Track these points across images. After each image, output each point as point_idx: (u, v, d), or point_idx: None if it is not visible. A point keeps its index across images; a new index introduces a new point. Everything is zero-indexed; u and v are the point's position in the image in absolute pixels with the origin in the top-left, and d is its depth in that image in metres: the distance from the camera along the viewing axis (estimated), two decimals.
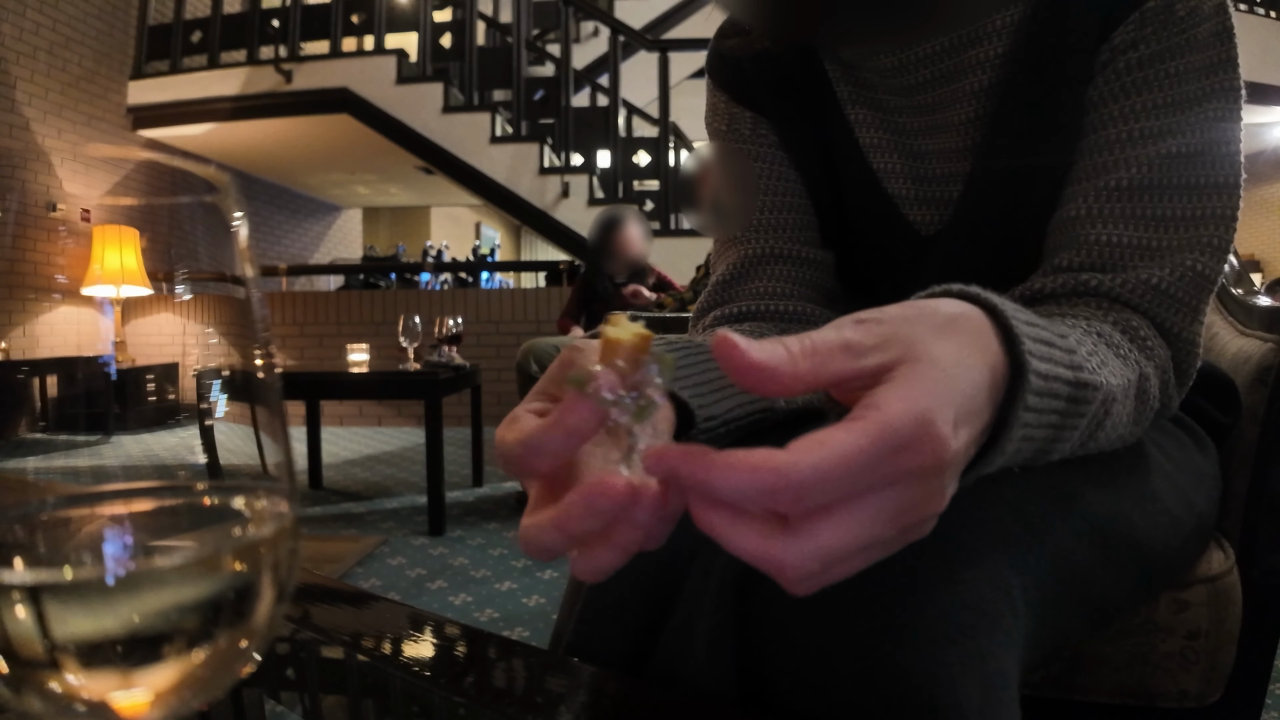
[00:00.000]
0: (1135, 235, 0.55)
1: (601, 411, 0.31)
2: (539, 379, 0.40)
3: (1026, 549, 0.46)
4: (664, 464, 0.29)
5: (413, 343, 2.92)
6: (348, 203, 8.91)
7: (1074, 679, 0.68)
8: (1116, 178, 0.56)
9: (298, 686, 0.48)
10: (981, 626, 0.41)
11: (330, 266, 7.50)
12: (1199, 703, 0.69)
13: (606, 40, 5.53)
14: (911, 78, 0.65)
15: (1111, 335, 0.50)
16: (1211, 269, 0.55)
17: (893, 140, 0.69)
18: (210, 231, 0.25)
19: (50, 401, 0.27)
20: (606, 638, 0.51)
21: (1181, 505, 0.60)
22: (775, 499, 0.28)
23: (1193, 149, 0.55)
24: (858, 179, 0.72)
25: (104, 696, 0.21)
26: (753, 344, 0.30)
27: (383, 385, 2.92)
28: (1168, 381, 0.56)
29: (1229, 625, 0.69)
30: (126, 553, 0.24)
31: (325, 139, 5.92)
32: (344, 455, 4.14)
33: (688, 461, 0.29)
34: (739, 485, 0.28)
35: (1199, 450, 0.67)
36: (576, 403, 0.31)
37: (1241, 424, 0.75)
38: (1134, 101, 0.56)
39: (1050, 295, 0.57)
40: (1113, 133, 0.57)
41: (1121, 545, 0.53)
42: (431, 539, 2.53)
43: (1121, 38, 0.57)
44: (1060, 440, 0.43)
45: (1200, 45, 0.55)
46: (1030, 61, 0.60)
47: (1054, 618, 0.48)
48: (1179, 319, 0.56)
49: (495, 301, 5.27)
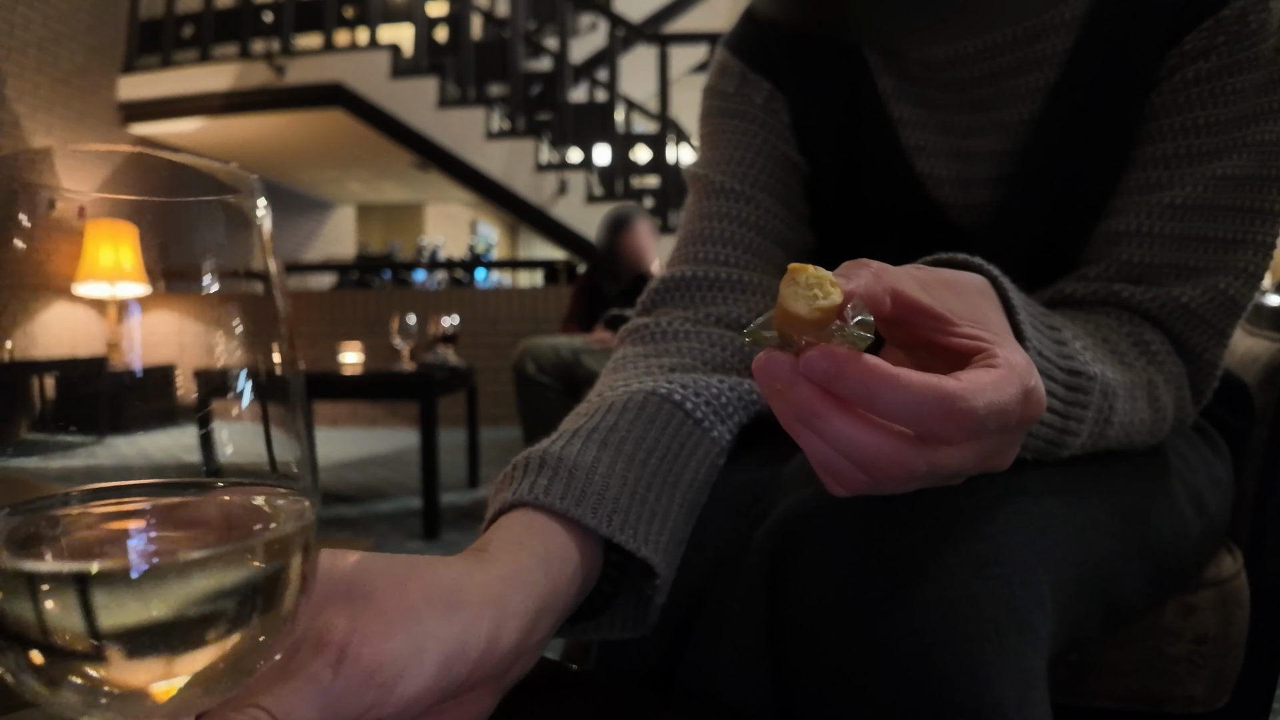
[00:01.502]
0: (1176, 256, 0.56)
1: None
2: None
3: (1053, 543, 0.46)
4: (832, 360, 0.31)
5: (407, 342, 2.92)
6: (341, 199, 8.91)
7: (1081, 683, 0.69)
8: (1171, 195, 0.56)
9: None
10: (1014, 623, 0.41)
11: (323, 264, 7.47)
12: (1206, 708, 0.69)
13: (605, 33, 5.53)
14: (966, 71, 0.62)
15: (1117, 343, 0.52)
16: (1243, 295, 0.55)
17: (941, 141, 0.66)
18: (229, 227, 0.26)
19: (48, 403, 0.27)
20: (627, 650, 0.51)
21: (1193, 506, 0.61)
22: (946, 421, 0.32)
23: (1244, 172, 0.54)
24: (895, 179, 0.68)
25: (134, 685, 0.22)
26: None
27: (377, 386, 2.91)
28: (1183, 397, 0.56)
29: (1237, 630, 0.69)
30: (156, 545, 0.25)
31: (318, 134, 5.91)
32: (337, 457, 4.14)
33: (854, 363, 0.31)
34: (911, 402, 0.31)
35: (1213, 453, 0.67)
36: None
37: (1251, 425, 0.75)
38: (1196, 115, 0.56)
39: (1078, 301, 0.58)
40: (1169, 147, 0.56)
41: (1136, 540, 0.54)
42: (426, 543, 2.51)
43: (1193, 44, 0.55)
44: (1069, 432, 0.45)
45: (1263, 62, 0.54)
46: (1093, 59, 0.58)
47: (1073, 614, 0.49)
48: (1203, 339, 0.56)
49: (491, 300, 5.25)
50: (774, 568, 0.44)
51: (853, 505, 0.43)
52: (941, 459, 0.34)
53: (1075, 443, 0.46)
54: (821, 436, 0.34)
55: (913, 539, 0.42)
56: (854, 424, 0.33)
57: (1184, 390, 0.56)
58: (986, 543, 0.43)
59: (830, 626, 0.42)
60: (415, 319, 2.97)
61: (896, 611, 0.40)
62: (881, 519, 0.43)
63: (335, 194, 8.56)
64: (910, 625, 0.40)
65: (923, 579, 0.40)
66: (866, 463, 0.33)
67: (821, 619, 0.42)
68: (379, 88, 5.13)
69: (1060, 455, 0.47)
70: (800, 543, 0.44)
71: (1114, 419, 0.48)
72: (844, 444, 0.33)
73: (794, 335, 0.32)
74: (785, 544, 0.45)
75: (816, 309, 0.31)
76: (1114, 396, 0.47)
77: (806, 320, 0.31)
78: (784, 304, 0.31)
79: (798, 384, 0.32)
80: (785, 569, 0.44)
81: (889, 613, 0.40)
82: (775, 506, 0.48)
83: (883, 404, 0.32)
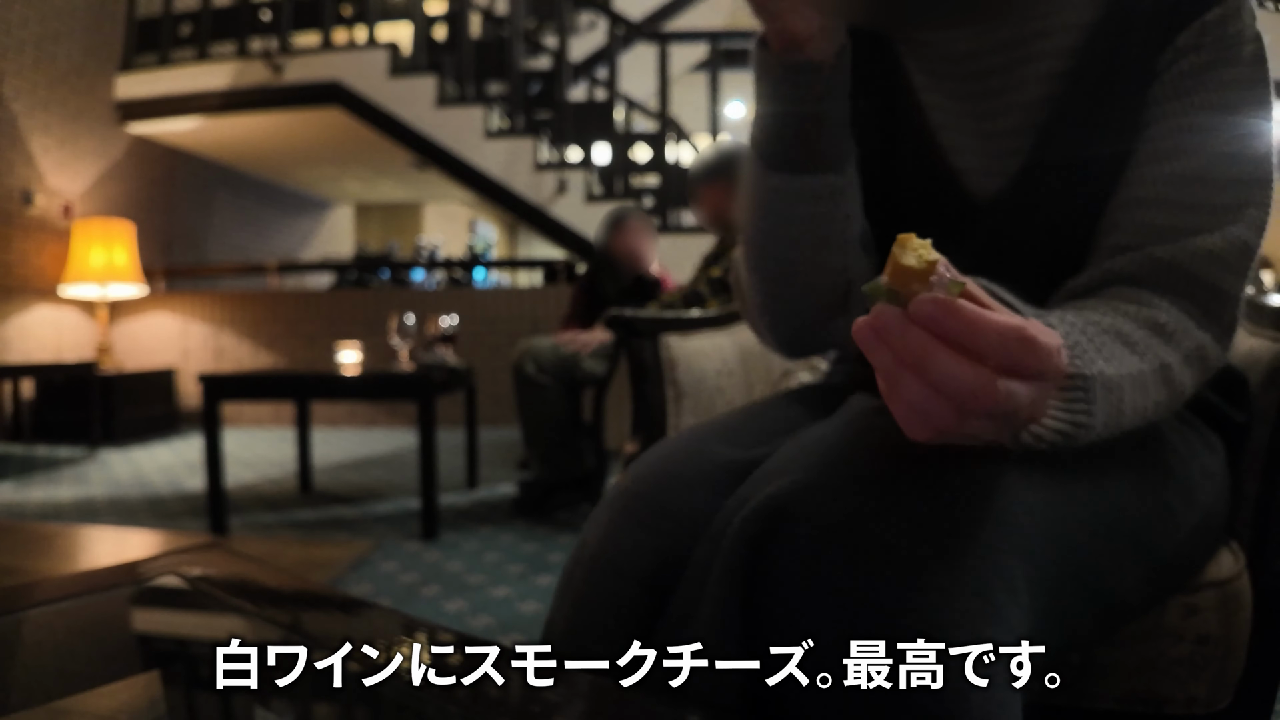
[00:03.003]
0: (1190, 220, 0.62)
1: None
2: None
3: (1031, 538, 0.48)
4: (939, 305, 0.39)
5: (406, 343, 2.90)
6: (339, 198, 8.91)
7: (1082, 684, 0.69)
8: (1180, 165, 0.63)
9: (288, 695, 0.50)
10: (985, 613, 0.43)
11: (321, 264, 7.46)
12: (1208, 709, 0.70)
13: (604, 32, 5.52)
14: (984, 63, 0.69)
15: (1130, 333, 0.56)
16: (1254, 240, 0.62)
17: (963, 122, 0.73)
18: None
19: (26, 411, 0.21)
20: (597, 625, 0.55)
21: (1182, 498, 0.63)
22: (1025, 352, 0.40)
23: (1237, 150, 0.62)
24: (921, 153, 0.75)
25: None
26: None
27: (375, 386, 2.90)
28: (1206, 356, 0.61)
29: (1239, 630, 0.69)
30: None
31: (316, 133, 5.90)
32: (335, 458, 4.14)
33: (956, 306, 0.39)
34: (1001, 336, 0.40)
35: (1205, 447, 0.69)
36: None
37: (1253, 425, 0.76)
38: (1193, 99, 0.64)
39: (1097, 289, 0.63)
40: (1174, 124, 0.64)
41: (1123, 536, 0.57)
42: (425, 544, 2.50)
43: (1184, 40, 0.64)
44: (1080, 425, 0.49)
45: (1243, 62, 0.63)
46: (1098, 54, 0.66)
47: (1061, 611, 0.51)
48: (1223, 274, 0.61)
49: (491, 300, 5.28)
50: (751, 551, 0.48)
51: (831, 498, 0.48)
52: (1015, 391, 0.41)
53: (1090, 435, 0.50)
54: (927, 375, 0.40)
55: (887, 533, 0.45)
56: (955, 359, 0.39)
57: (1205, 356, 0.61)
58: (959, 538, 0.45)
59: (802, 610, 0.45)
60: (414, 319, 2.96)
61: (867, 597, 0.44)
62: (859, 512, 0.46)
63: (333, 193, 8.55)
64: (880, 610, 0.43)
65: (894, 569, 0.44)
66: (962, 394, 0.40)
67: (795, 601, 0.45)
68: (377, 86, 5.12)
69: (1077, 443, 0.51)
70: (778, 530, 0.48)
71: (1124, 407, 0.52)
72: (945, 377, 0.39)
73: (904, 288, 0.40)
74: (764, 528, 0.48)
75: (925, 261, 0.40)
76: (1120, 389, 0.52)
77: (916, 270, 0.40)
78: (897, 260, 0.40)
79: (909, 330, 0.40)
80: (763, 553, 0.47)
81: (861, 598, 0.44)
82: (756, 494, 0.51)
83: (981, 339, 0.39)
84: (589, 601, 0.57)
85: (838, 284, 0.72)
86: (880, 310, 0.41)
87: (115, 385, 4.70)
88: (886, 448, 0.51)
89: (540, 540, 2.53)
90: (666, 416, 1.38)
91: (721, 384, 1.47)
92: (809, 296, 0.72)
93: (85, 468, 3.92)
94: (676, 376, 1.40)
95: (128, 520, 2.82)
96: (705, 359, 1.46)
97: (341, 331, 5.17)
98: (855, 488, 0.48)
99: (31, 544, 2.48)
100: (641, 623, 0.54)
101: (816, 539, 0.46)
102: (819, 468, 0.51)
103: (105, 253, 4.88)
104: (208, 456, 2.58)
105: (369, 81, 5.12)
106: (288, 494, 3.28)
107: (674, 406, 1.39)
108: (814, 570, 0.45)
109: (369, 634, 0.57)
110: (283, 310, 5.44)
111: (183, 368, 5.45)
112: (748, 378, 1.53)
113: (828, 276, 0.71)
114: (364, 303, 5.35)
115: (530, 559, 2.33)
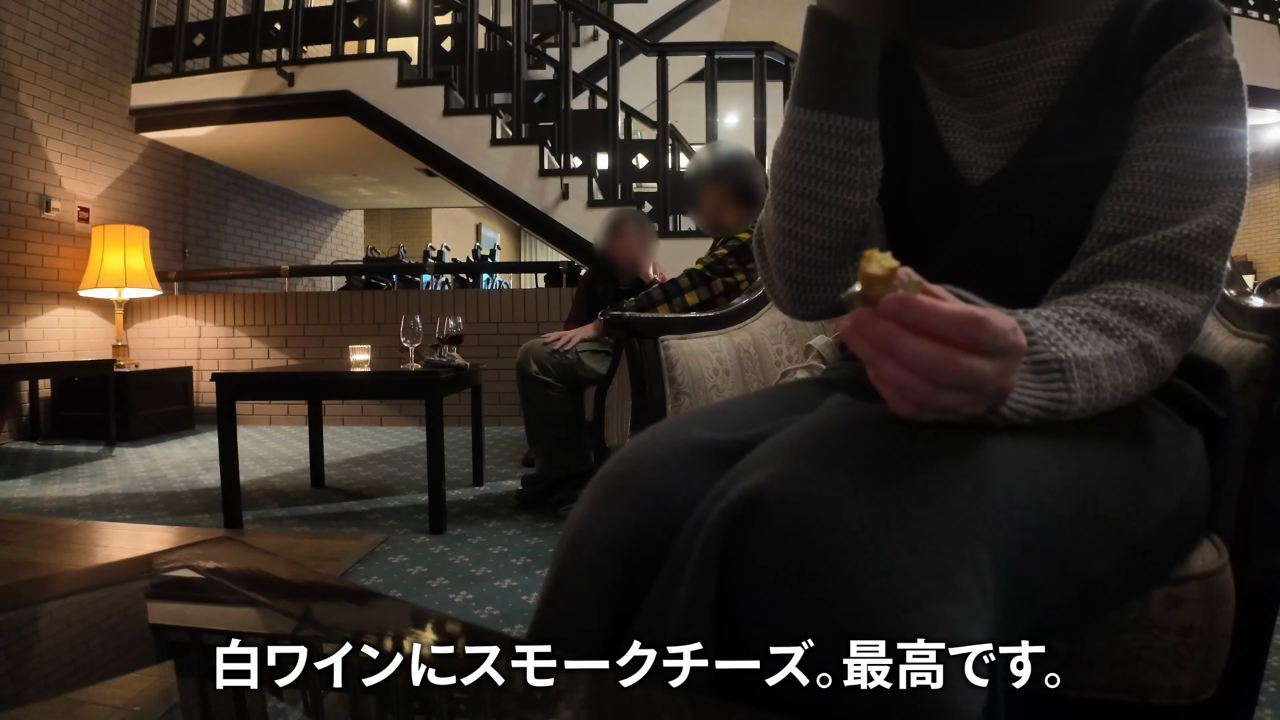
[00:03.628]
0: (1168, 211, 0.68)
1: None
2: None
3: (993, 521, 0.51)
4: (899, 300, 0.48)
5: (414, 343, 2.92)
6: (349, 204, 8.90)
7: (1068, 675, 0.69)
8: (1162, 165, 0.70)
9: (299, 684, 0.50)
10: (946, 594, 0.46)
11: (332, 267, 7.49)
12: (1192, 699, 0.70)
13: (605, 44, 5.53)
14: (989, 79, 0.79)
15: (1107, 319, 0.62)
16: (1228, 227, 0.68)
17: (966, 125, 0.81)
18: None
19: (45, 409, 0.25)
20: (572, 615, 0.57)
21: (1158, 483, 0.65)
22: (977, 331, 0.48)
23: (1213, 156, 0.69)
24: (927, 147, 0.83)
25: None
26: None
27: (384, 385, 2.91)
28: (1187, 327, 0.66)
29: (1222, 622, 0.69)
30: None
31: (327, 141, 5.92)
32: (346, 454, 4.14)
33: (914, 300, 0.48)
34: (953, 319, 0.47)
35: (1182, 439, 0.71)
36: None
37: (1235, 421, 0.77)
38: (1176, 108, 0.71)
39: (1073, 286, 0.69)
40: (1159, 129, 0.71)
41: (1089, 518, 0.58)
42: (432, 537, 2.54)
43: (1169, 58, 0.72)
44: (1061, 403, 0.56)
45: (1219, 82, 0.71)
46: (1091, 71, 0.75)
47: (1032, 593, 0.54)
48: (1201, 253, 0.67)
49: (495, 302, 5.30)
50: (727, 538, 0.50)
51: (805, 490, 0.50)
52: (977, 365, 0.48)
53: (1073, 409, 0.57)
54: (897, 356, 0.48)
55: (854, 522, 0.48)
56: (918, 340, 0.47)
57: (1188, 325, 0.66)
58: (923, 523, 0.48)
59: (774, 592, 0.47)
60: (421, 320, 2.96)
61: (835, 579, 0.46)
62: (830, 503, 0.49)
63: (344, 199, 8.54)
64: (846, 590, 0.45)
65: (861, 554, 0.46)
66: (930, 368, 0.48)
67: (767, 582, 0.48)
68: (386, 96, 5.15)
69: (1063, 420, 0.58)
70: (754, 518, 0.50)
71: (1103, 385, 0.59)
72: (913, 356, 0.48)
73: (873, 291, 0.49)
74: (741, 516, 0.50)
75: (886, 268, 0.48)
76: (1095, 368, 0.58)
77: (880, 276, 0.48)
78: (865, 270, 0.49)
79: (879, 323, 0.48)
80: (737, 540, 0.50)
81: (827, 585, 0.46)
82: (734, 485, 0.53)
83: (936, 323, 0.47)
84: (567, 569, 0.59)
85: (853, 225, 0.78)
86: (857, 312, 0.49)
87: (131, 384, 4.75)
88: (861, 441, 0.53)
89: (544, 534, 2.56)
90: (666, 415, 1.38)
91: (719, 384, 1.48)
92: (825, 234, 0.78)
93: (102, 465, 3.92)
94: (675, 376, 1.42)
95: (144, 516, 2.83)
96: (703, 359, 1.48)
97: (352, 332, 5.24)
98: (829, 481, 0.50)
99: (50, 539, 2.48)
100: (616, 589, 0.56)
101: (789, 529, 0.48)
102: (796, 460, 0.52)
103: (121, 257, 4.97)
104: (222, 453, 2.60)
105: (379, 91, 5.15)
106: (300, 489, 3.29)
107: (673, 405, 1.41)
108: (785, 558, 0.47)
109: (379, 624, 0.57)
110: (295, 311, 5.46)
111: (197, 367, 5.50)
112: (743, 377, 1.55)
113: (845, 216, 0.78)
114: (373, 304, 5.37)
115: (534, 552, 2.35)
